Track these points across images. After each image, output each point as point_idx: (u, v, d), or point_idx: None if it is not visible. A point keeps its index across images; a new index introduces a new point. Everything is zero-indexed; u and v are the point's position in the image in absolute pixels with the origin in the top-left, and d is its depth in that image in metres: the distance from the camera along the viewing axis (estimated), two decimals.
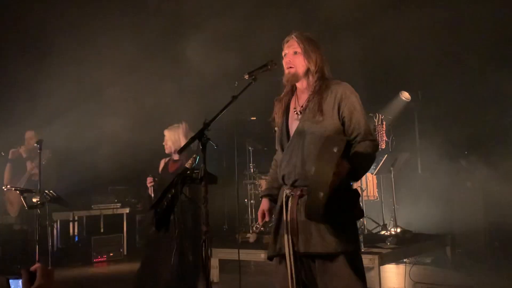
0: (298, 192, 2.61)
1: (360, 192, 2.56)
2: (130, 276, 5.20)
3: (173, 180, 2.66)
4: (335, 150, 2.35)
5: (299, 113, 2.73)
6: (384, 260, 5.14)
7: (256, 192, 8.12)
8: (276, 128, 2.91)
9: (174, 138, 4.66)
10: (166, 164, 4.72)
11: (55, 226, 7.86)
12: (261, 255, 5.71)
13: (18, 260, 6.45)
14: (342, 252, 2.51)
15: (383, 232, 6.34)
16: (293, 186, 2.65)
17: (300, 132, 2.67)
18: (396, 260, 5.89)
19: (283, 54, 2.80)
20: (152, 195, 4.48)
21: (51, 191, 4.83)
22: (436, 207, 6.91)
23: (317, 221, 2.48)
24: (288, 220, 2.61)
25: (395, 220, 6.43)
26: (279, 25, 6.66)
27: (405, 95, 7.83)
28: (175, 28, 7.93)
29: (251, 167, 8.11)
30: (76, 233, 8.28)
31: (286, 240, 2.60)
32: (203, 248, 2.48)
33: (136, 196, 8.85)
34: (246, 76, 2.85)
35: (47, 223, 5.61)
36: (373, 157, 2.65)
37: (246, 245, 6.03)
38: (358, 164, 2.54)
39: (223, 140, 7.07)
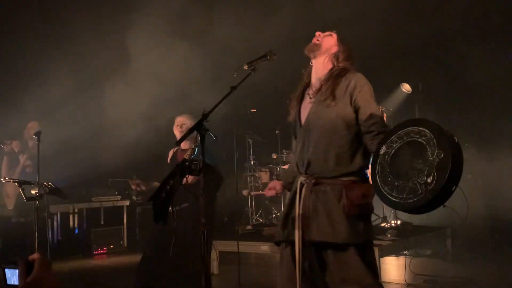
0: (313, 181, 2.61)
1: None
2: (130, 268, 5.21)
3: (171, 171, 2.64)
4: (344, 133, 2.45)
5: (311, 97, 2.73)
6: (384, 252, 5.13)
7: (256, 184, 8.12)
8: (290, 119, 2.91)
9: (191, 123, 4.56)
10: (174, 154, 4.66)
11: (55, 218, 7.86)
12: (261, 247, 5.72)
13: (16, 253, 6.45)
14: (353, 243, 2.50)
15: (383, 224, 6.34)
16: (306, 173, 2.65)
17: (311, 116, 2.67)
18: (396, 252, 5.89)
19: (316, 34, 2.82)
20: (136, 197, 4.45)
21: (49, 183, 4.81)
22: None
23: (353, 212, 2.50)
24: (301, 208, 2.60)
25: (395, 212, 6.42)
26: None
27: (406, 87, 7.80)
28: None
29: (250, 159, 8.10)
30: (76, 226, 8.29)
31: (297, 228, 2.59)
32: (202, 240, 2.46)
33: None
34: (245, 67, 2.82)
35: (45, 215, 5.60)
36: None
37: (245, 237, 6.04)
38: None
39: (223, 132, 7.09)
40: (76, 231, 8.27)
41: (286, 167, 7.92)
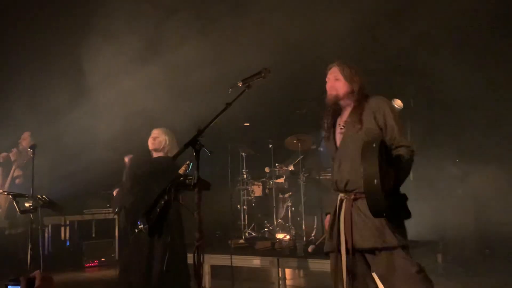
0: (352, 196, 2.92)
1: (407, 196, 2.93)
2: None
3: (166, 186, 2.66)
4: (374, 145, 2.68)
5: (342, 127, 3.07)
6: None
7: (249, 198, 8.13)
8: (324, 142, 3.36)
9: (169, 137, 4.71)
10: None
11: (46, 230, 7.83)
12: (254, 261, 5.73)
13: (8, 265, 6.41)
14: (400, 246, 2.82)
15: None
16: (345, 190, 2.97)
17: (345, 142, 3.03)
18: None
19: (326, 80, 3.16)
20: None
21: (43, 196, 4.80)
22: (427, 214, 6.95)
23: (378, 217, 2.76)
24: (343, 220, 2.92)
25: None
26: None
27: (398, 103, 7.86)
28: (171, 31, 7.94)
29: (243, 172, 8.12)
30: (67, 238, 8.25)
31: (343, 238, 2.90)
32: (196, 254, 2.48)
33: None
34: (240, 84, 2.88)
35: (39, 227, 5.57)
36: (410, 161, 2.90)
37: (238, 251, 6.04)
38: (398, 169, 2.82)
39: (216, 146, 7.12)
40: (68, 243, 8.22)
41: (279, 180, 7.96)
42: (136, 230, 4.17)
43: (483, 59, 7.42)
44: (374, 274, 2.99)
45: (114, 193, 5.41)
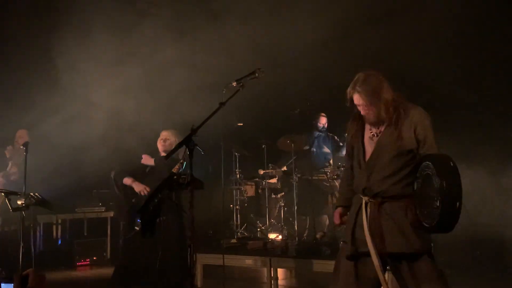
0: (379, 199, 2.92)
1: None
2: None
3: (159, 185, 2.67)
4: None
5: (375, 135, 3.02)
6: None
7: (242, 197, 8.14)
8: (346, 145, 3.30)
9: (178, 139, 4.65)
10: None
11: (38, 229, 7.79)
12: (246, 261, 5.74)
13: (1, 262, 6.38)
14: (426, 251, 2.87)
15: None
16: (374, 196, 2.95)
17: (379, 152, 2.97)
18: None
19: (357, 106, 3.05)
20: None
21: (36, 194, 4.79)
22: None
23: (419, 228, 2.77)
24: (368, 223, 2.91)
25: None
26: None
27: None
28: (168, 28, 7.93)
29: (237, 172, 8.13)
30: (59, 236, 8.21)
31: (370, 242, 2.87)
32: (188, 253, 2.50)
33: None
34: (234, 84, 2.90)
35: (30, 225, 5.54)
36: None
37: (230, 250, 6.05)
38: None
39: (210, 145, 7.12)
40: (59, 242, 8.19)
41: (272, 181, 7.97)
42: (137, 228, 4.16)
43: (471, 58, 7.48)
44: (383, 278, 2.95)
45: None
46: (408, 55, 7.23)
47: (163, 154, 4.70)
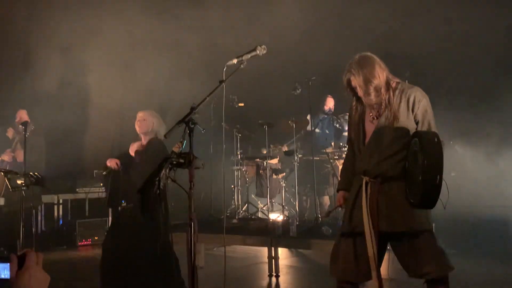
0: (380, 179, 2.92)
1: None
2: None
3: (159, 164, 2.65)
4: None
5: (375, 117, 3.02)
6: None
7: (243, 178, 8.14)
8: (348, 129, 3.31)
9: (156, 119, 4.65)
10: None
11: (39, 209, 7.81)
12: (246, 241, 5.75)
13: (2, 243, 6.41)
14: (426, 230, 2.89)
15: None
16: (375, 177, 2.95)
17: (378, 134, 2.98)
18: None
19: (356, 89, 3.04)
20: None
21: (35, 173, 4.78)
22: None
23: (420, 208, 2.80)
24: (368, 202, 2.92)
25: None
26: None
27: None
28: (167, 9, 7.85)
29: (238, 153, 8.11)
30: (60, 217, 8.24)
31: (366, 220, 2.90)
32: (189, 233, 2.48)
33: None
34: (235, 61, 2.84)
35: (31, 205, 5.55)
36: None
37: (231, 230, 6.07)
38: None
39: (211, 126, 7.10)
40: (61, 222, 8.22)
41: (273, 161, 7.95)
42: (120, 208, 4.15)
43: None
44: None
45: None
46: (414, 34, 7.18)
47: (141, 135, 4.68)
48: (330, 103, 7.96)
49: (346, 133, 7.63)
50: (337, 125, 7.92)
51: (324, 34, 7.62)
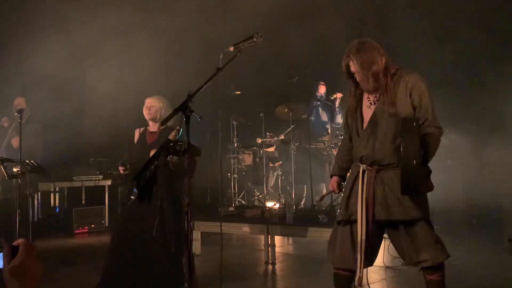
0: (376, 167, 2.93)
1: (431, 169, 2.90)
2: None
3: (156, 151, 2.64)
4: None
5: (373, 103, 3.00)
6: None
7: (239, 166, 8.14)
8: (345, 115, 3.26)
9: (164, 105, 4.57)
10: (142, 135, 4.63)
11: (36, 197, 7.81)
12: (243, 228, 5.77)
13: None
14: (422, 218, 2.86)
15: None
16: (372, 163, 2.95)
17: (375, 120, 2.95)
18: None
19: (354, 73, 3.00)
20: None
21: (31, 161, 4.76)
22: None
23: (407, 194, 2.80)
24: (365, 190, 2.92)
25: None
26: None
27: None
28: None
29: (234, 141, 8.11)
30: (57, 204, 8.24)
31: (360, 208, 2.90)
32: (186, 220, 2.48)
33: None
34: (231, 48, 2.82)
35: (28, 193, 5.53)
36: (439, 141, 2.92)
37: (228, 218, 6.08)
38: (427, 147, 2.82)
39: (208, 113, 7.08)
40: (57, 210, 8.22)
41: (270, 149, 7.95)
42: (132, 197, 4.13)
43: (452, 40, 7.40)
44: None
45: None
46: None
47: (149, 122, 4.62)
48: (321, 90, 7.94)
49: (339, 115, 7.69)
50: (333, 105, 7.88)
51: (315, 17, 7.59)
